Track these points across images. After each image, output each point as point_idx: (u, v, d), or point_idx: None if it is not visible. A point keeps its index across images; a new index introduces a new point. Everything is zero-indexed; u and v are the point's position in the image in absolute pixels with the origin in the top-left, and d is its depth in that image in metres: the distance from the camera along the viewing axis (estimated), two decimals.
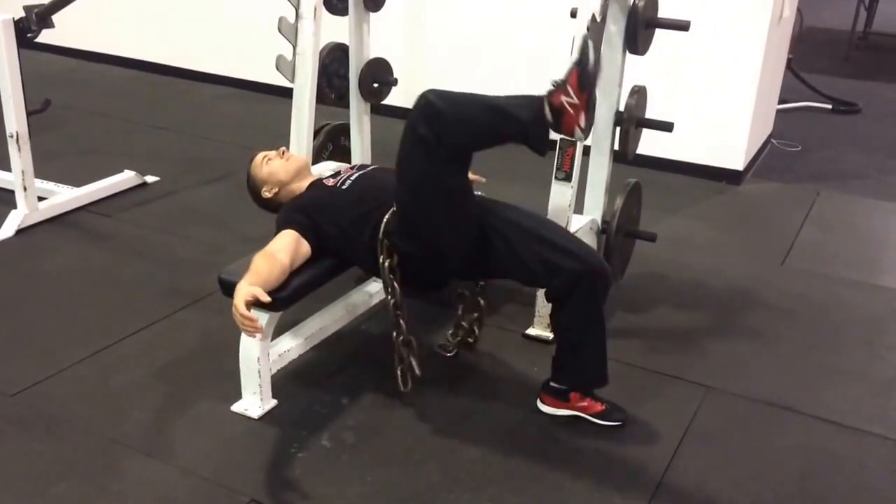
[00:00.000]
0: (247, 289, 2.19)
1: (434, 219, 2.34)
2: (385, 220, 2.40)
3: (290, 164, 2.70)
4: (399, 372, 2.53)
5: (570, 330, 2.41)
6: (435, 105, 2.18)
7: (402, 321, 2.50)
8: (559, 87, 2.22)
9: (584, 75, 2.21)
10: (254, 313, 2.19)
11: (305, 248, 2.45)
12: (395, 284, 2.46)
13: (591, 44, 2.22)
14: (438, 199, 2.31)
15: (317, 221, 2.49)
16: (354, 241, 2.49)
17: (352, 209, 2.49)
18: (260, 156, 2.74)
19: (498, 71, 4.83)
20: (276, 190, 2.68)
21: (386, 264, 2.43)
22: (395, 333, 2.52)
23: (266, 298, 2.21)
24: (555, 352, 2.48)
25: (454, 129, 2.19)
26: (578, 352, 2.43)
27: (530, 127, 2.25)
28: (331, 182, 2.61)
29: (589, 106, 2.24)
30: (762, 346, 2.94)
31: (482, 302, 2.79)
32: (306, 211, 2.53)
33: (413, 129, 2.21)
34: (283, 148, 2.79)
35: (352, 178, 2.60)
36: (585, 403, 2.47)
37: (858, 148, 5.12)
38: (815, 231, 3.92)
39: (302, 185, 2.67)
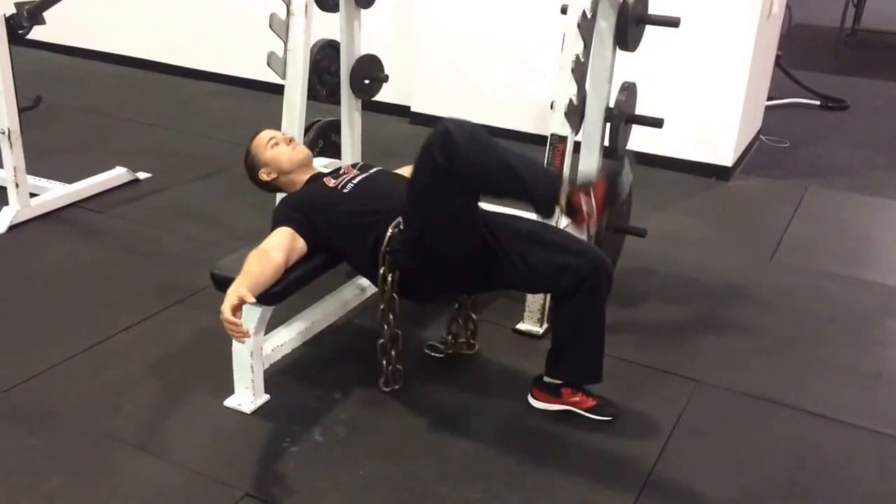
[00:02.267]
0: (234, 292, 2.17)
1: (439, 238, 2.32)
2: (389, 234, 2.40)
3: (296, 154, 2.67)
4: (385, 374, 2.56)
5: (572, 324, 2.40)
6: (453, 136, 2.15)
7: (392, 330, 2.53)
8: (582, 188, 2.24)
9: (611, 192, 2.25)
10: (244, 313, 2.20)
11: (301, 245, 2.44)
12: (394, 296, 2.47)
13: (629, 163, 2.25)
14: (445, 220, 2.29)
15: (314, 221, 2.48)
16: (353, 246, 2.50)
17: (353, 214, 2.48)
18: (266, 135, 2.69)
19: (487, 66, 4.84)
20: (275, 176, 2.67)
21: (389, 278, 2.44)
22: (382, 340, 2.55)
23: (251, 299, 2.20)
24: (551, 345, 2.48)
25: (467, 168, 2.17)
26: (578, 345, 2.43)
27: (541, 207, 2.29)
28: (332, 182, 2.58)
29: (603, 218, 2.29)
30: (751, 341, 2.96)
31: (474, 315, 2.77)
32: (304, 209, 2.52)
33: (429, 155, 2.19)
34: (292, 136, 2.75)
35: (354, 180, 2.57)
36: (578, 398, 2.49)
37: (846, 144, 5.16)
38: (803, 226, 3.95)
39: (302, 178, 2.66)
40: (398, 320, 2.54)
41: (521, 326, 2.94)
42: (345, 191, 2.54)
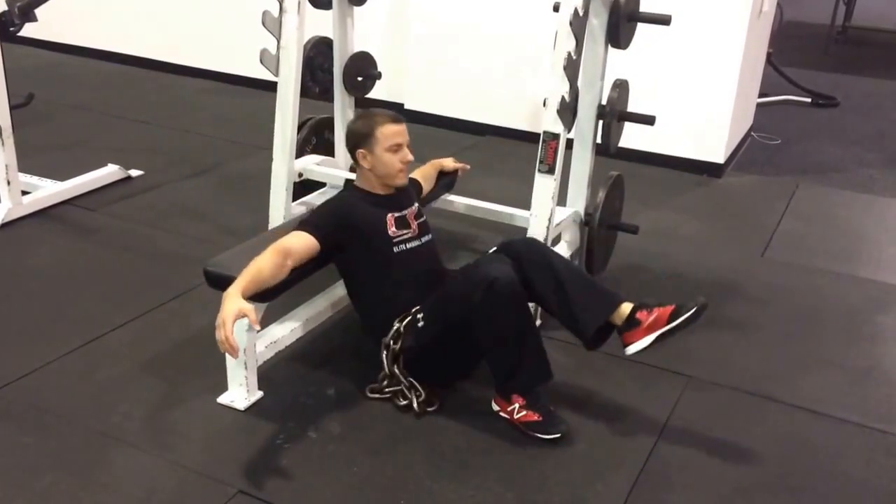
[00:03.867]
0: (238, 305, 2.14)
1: (450, 349, 2.45)
2: (400, 327, 2.45)
3: (400, 179, 2.56)
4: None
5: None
6: (505, 293, 2.30)
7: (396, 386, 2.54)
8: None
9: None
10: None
11: (315, 253, 2.43)
12: (396, 370, 2.50)
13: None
14: (462, 338, 2.39)
15: (343, 243, 2.47)
16: (369, 296, 2.55)
17: (392, 277, 2.50)
18: (394, 130, 2.52)
19: (480, 63, 4.85)
20: (369, 166, 2.53)
21: (395, 370, 2.50)
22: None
23: (256, 326, 2.22)
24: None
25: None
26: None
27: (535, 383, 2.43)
28: (392, 229, 2.52)
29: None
30: (742, 337, 2.98)
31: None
32: (347, 229, 2.48)
33: (468, 292, 2.32)
34: (411, 159, 2.59)
35: (409, 244, 2.54)
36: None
37: (837, 141, 5.18)
38: (795, 223, 3.97)
39: (379, 188, 2.57)
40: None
41: None
42: (395, 249, 2.51)
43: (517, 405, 2.40)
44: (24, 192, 3.73)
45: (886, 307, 3.21)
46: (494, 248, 2.56)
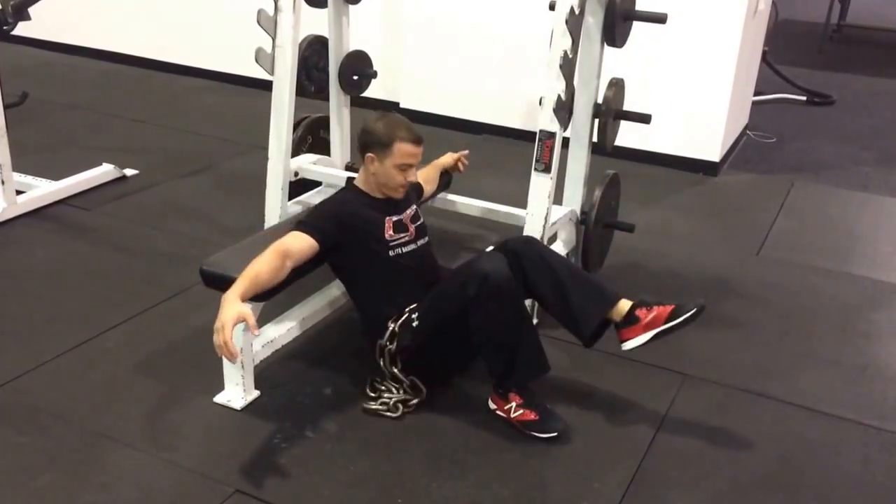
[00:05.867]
0: (237, 309, 2.12)
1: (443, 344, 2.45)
2: (395, 328, 2.45)
3: (399, 191, 2.54)
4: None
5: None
6: (499, 286, 2.30)
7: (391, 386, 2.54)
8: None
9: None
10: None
11: (314, 254, 2.42)
12: (395, 371, 2.50)
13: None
14: (457, 332, 2.39)
15: (341, 244, 2.46)
16: (363, 297, 2.55)
17: (386, 279, 2.50)
18: (410, 150, 2.47)
19: (475, 62, 4.85)
20: (373, 170, 2.49)
21: (395, 370, 2.50)
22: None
23: (255, 331, 2.20)
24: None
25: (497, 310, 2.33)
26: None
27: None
28: (390, 232, 2.51)
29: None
30: (738, 335, 2.99)
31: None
32: (346, 230, 2.47)
33: (462, 287, 2.32)
34: (415, 181, 2.64)
35: (406, 248, 2.53)
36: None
37: (832, 139, 5.19)
38: (790, 221, 3.98)
39: (376, 191, 2.55)
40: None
41: None
42: (391, 253, 2.50)
43: (514, 404, 2.40)
44: (19, 192, 3.72)
45: (881, 304, 3.22)
46: (491, 247, 2.56)
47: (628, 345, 2.42)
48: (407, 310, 2.45)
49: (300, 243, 2.38)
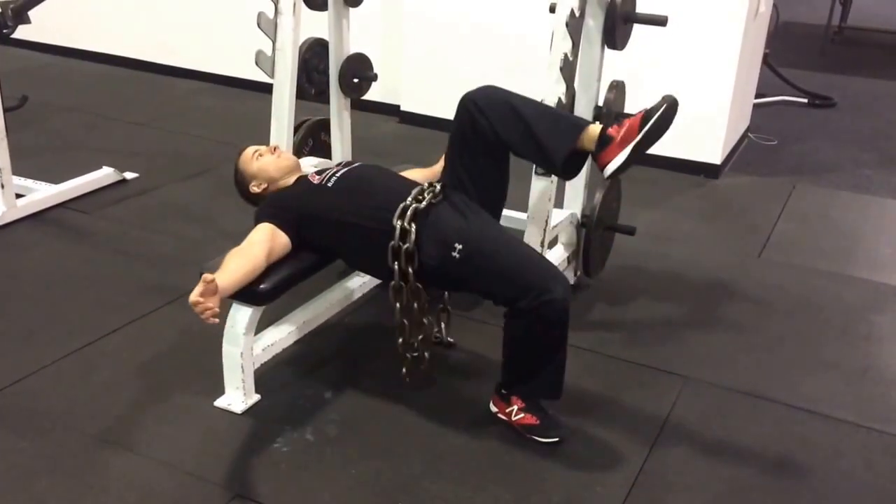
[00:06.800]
0: (204, 278, 2.10)
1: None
2: (403, 223, 2.33)
3: (282, 161, 2.69)
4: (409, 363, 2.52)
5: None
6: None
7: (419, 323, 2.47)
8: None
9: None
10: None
11: (283, 240, 2.44)
12: (418, 286, 2.38)
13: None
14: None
15: (300, 215, 2.49)
16: (348, 241, 2.48)
17: (342, 207, 2.46)
18: (250, 150, 2.72)
19: (476, 65, 4.84)
20: (265, 186, 2.66)
21: (409, 270, 2.34)
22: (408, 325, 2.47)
23: (210, 278, 2.09)
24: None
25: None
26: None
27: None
28: (316, 179, 2.58)
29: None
30: (739, 337, 2.98)
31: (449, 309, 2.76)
32: (286, 205, 2.53)
33: (526, 288, 2.22)
34: (276, 145, 2.77)
35: (337, 174, 2.57)
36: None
37: (834, 141, 5.19)
38: (792, 224, 3.97)
39: (290, 182, 2.66)
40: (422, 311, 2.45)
41: None
42: (329, 185, 2.53)
43: (516, 407, 2.39)
44: (19, 195, 3.72)
45: (882, 307, 3.22)
46: (457, 107, 2.55)
47: (609, 169, 2.33)
48: (402, 205, 2.35)
49: (258, 233, 2.44)
